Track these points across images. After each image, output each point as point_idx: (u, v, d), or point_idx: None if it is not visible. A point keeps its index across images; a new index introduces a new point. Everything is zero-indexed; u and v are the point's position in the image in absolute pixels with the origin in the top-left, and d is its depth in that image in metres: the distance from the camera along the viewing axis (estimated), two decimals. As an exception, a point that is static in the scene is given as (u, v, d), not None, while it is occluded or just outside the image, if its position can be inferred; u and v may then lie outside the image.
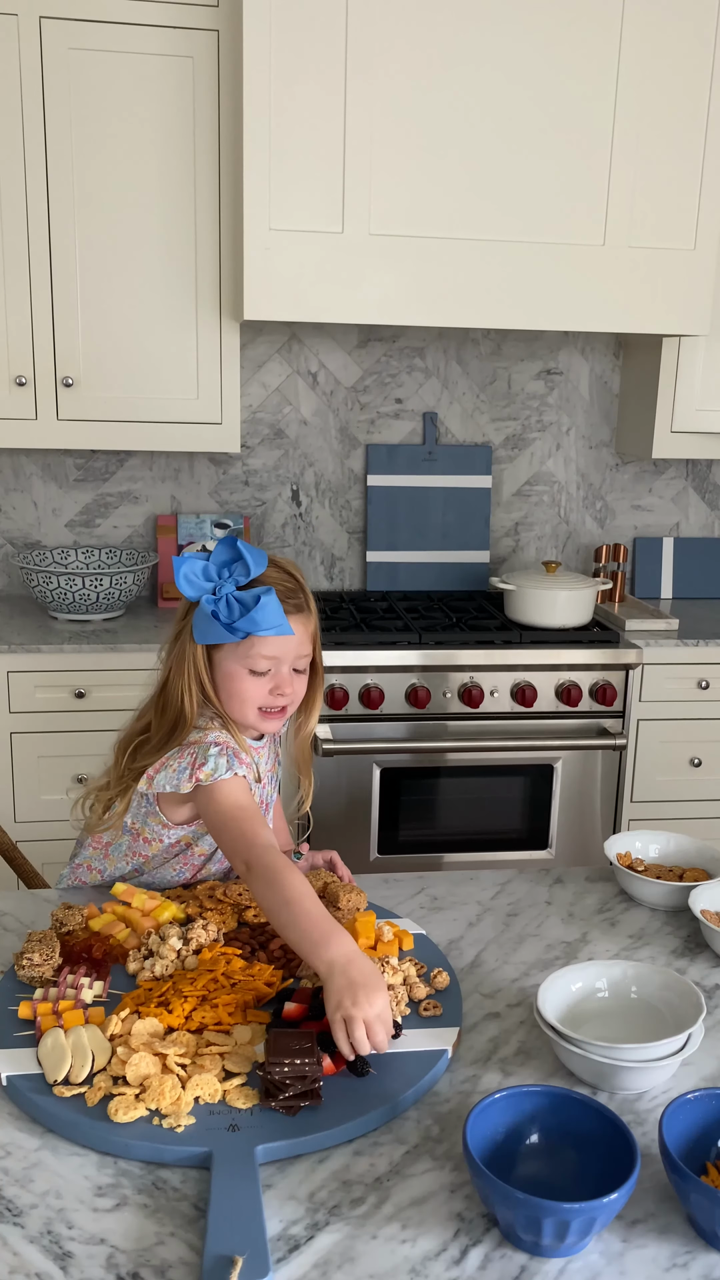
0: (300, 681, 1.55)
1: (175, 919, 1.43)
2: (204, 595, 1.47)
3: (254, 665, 1.50)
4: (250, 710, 1.53)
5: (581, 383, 3.29)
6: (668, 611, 3.14)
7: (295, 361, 3.13)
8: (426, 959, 1.39)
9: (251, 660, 1.49)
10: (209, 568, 1.48)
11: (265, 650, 1.49)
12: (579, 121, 2.57)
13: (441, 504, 3.24)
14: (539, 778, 2.83)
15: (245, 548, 1.47)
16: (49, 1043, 1.17)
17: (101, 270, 2.67)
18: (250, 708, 1.53)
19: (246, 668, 1.50)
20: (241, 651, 1.49)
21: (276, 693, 1.52)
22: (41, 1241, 0.96)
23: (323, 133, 2.48)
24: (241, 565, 1.47)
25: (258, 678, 1.51)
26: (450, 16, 2.46)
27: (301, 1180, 1.04)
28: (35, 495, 3.10)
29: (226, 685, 1.52)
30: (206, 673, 1.52)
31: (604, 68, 2.54)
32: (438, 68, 2.48)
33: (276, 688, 1.52)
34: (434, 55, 2.47)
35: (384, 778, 2.76)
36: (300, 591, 1.53)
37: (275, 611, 1.45)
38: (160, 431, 2.79)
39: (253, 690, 1.51)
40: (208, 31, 2.57)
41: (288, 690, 1.52)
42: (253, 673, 1.50)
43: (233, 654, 1.50)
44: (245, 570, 1.47)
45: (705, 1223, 0.96)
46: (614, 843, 1.64)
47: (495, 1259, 0.96)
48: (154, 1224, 0.99)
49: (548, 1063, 1.22)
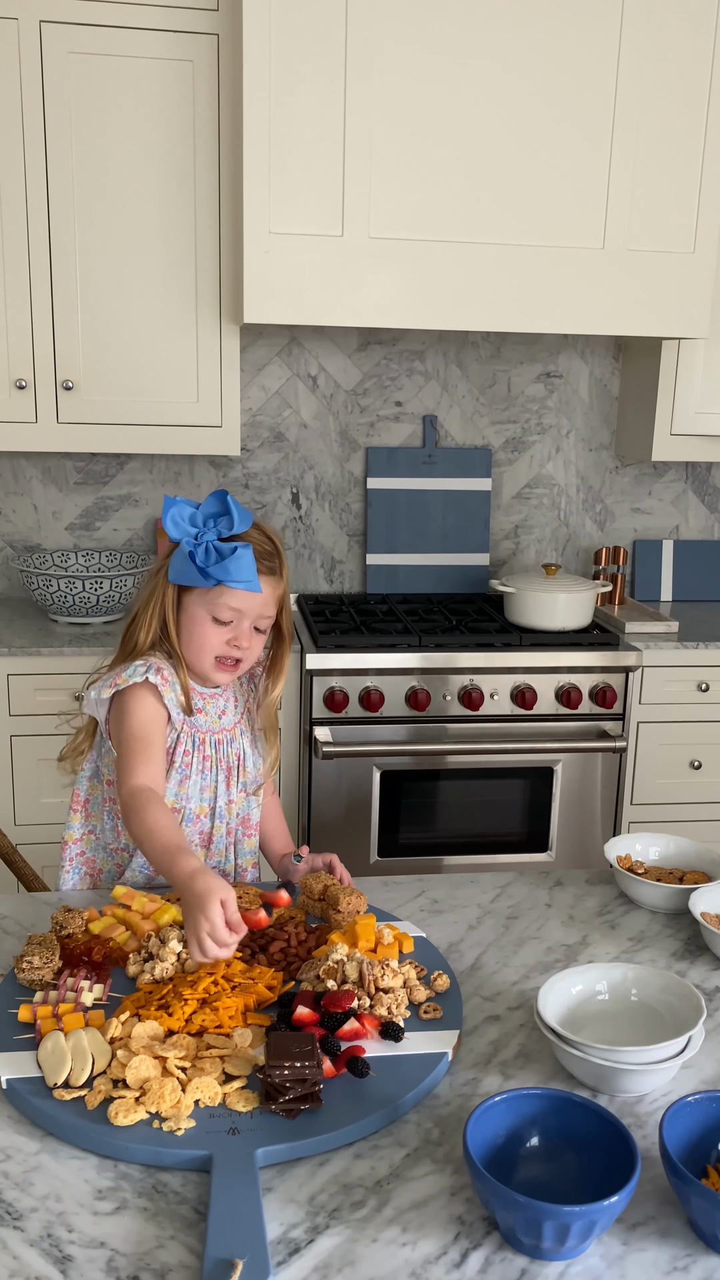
0: (258, 641, 1.63)
1: (175, 921, 1.43)
2: (186, 538, 1.55)
3: (218, 613, 1.58)
4: (207, 657, 1.60)
5: (581, 386, 3.29)
6: (667, 614, 3.14)
7: (295, 364, 3.13)
8: (427, 962, 1.39)
9: (217, 608, 1.57)
10: (196, 514, 1.57)
11: (232, 601, 1.57)
12: (578, 125, 2.57)
13: (441, 507, 3.24)
14: (539, 780, 2.83)
15: (234, 504, 1.56)
16: (49, 1046, 1.17)
17: (102, 273, 2.68)
18: (207, 654, 1.60)
19: (211, 614, 1.58)
20: (210, 598, 1.57)
21: (234, 644, 1.60)
22: (41, 1245, 0.96)
23: (322, 136, 2.48)
24: (227, 519, 1.56)
25: (219, 626, 1.59)
26: (449, 21, 2.46)
27: (302, 1183, 1.04)
28: (35, 498, 3.10)
29: (189, 628, 1.60)
30: (173, 613, 1.60)
31: (603, 71, 2.55)
32: (437, 71, 2.49)
33: (234, 639, 1.59)
34: (433, 59, 2.48)
35: (384, 780, 2.75)
36: (276, 556, 1.62)
37: (248, 566, 1.53)
38: (160, 434, 2.79)
39: (212, 637, 1.59)
40: (207, 35, 2.58)
41: (245, 644, 1.60)
42: (216, 620, 1.58)
43: (201, 599, 1.58)
44: (229, 524, 1.56)
45: (706, 1226, 0.96)
46: (614, 845, 1.64)
47: (495, 1262, 0.95)
48: (154, 1227, 0.99)
49: (548, 1065, 1.22)
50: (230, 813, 1.69)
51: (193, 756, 1.64)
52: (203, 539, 1.55)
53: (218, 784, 1.66)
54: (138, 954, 1.37)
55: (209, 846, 1.67)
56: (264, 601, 1.59)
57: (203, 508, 1.58)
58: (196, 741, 1.64)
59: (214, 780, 1.66)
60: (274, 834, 1.80)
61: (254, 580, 1.54)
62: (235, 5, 2.49)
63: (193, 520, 1.56)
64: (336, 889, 1.49)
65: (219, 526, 1.56)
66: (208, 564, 1.53)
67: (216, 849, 1.68)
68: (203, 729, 1.65)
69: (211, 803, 1.67)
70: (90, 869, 1.71)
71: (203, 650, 1.60)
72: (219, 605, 1.57)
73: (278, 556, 1.62)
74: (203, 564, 1.53)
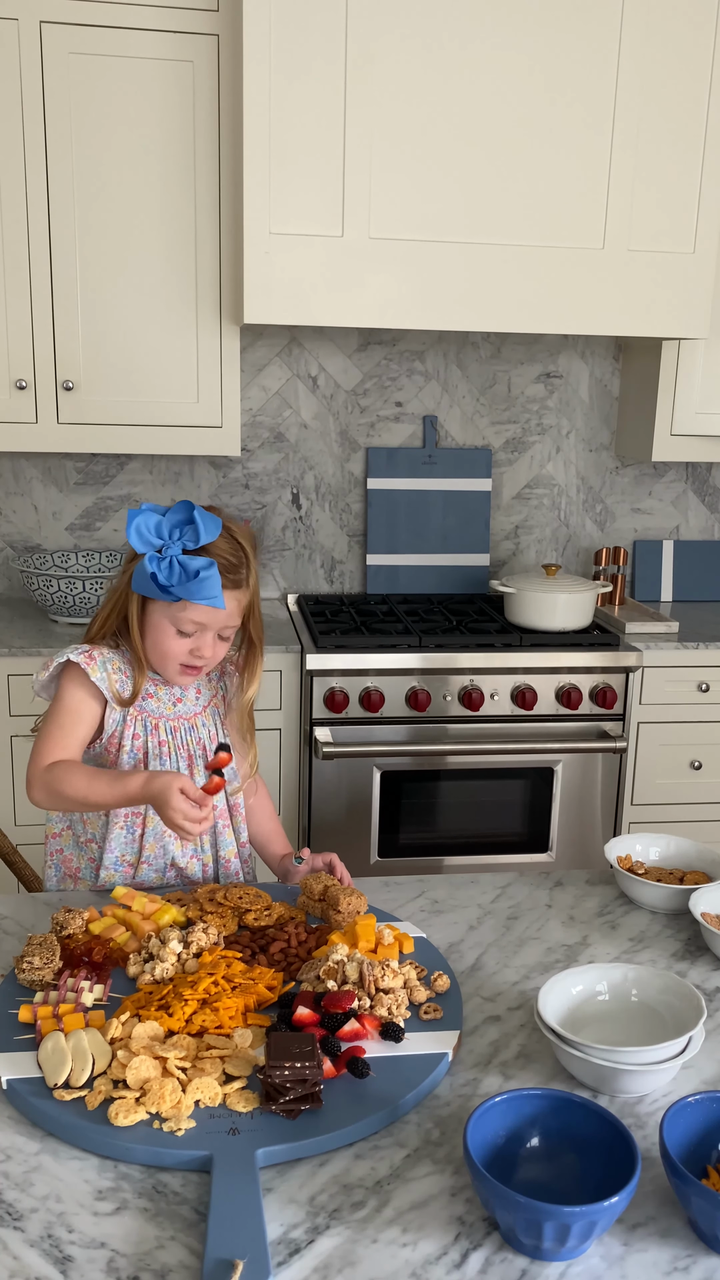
0: (223, 646, 1.63)
1: (175, 922, 1.44)
2: (150, 552, 1.53)
3: (181, 627, 1.58)
4: (171, 664, 1.62)
5: (581, 386, 3.29)
6: (668, 614, 3.14)
7: (295, 365, 3.13)
8: (427, 962, 1.39)
9: (180, 622, 1.58)
10: (161, 524, 1.54)
11: (195, 616, 1.57)
12: (579, 125, 2.57)
13: (441, 507, 3.24)
14: (539, 781, 2.83)
15: (199, 515, 1.53)
16: (49, 1046, 1.17)
17: (102, 273, 2.68)
18: (171, 662, 1.61)
19: (175, 627, 1.58)
20: (174, 611, 1.57)
21: (196, 654, 1.60)
22: (42, 1245, 0.96)
23: (323, 136, 2.48)
24: (192, 531, 1.53)
25: (182, 637, 1.59)
26: (450, 22, 2.46)
27: (302, 1184, 1.04)
28: (35, 499, 3.10)
29: (153, 635, 1.61)
30: (138, 616, 1.60)
31: (604, 71, 2.55)
32: (437, 72, 2.49)
33: (197, 649, 1.60)
34: (434, 60, 2.48)
35: (384, 781, 2.75)
36: (243, 567, 1.60)
37: (213, 585, 1.52)
38: (160, 435, 2.79)
39: (175, 648, 1.60)
40: (208, 36, 2.58)
41: (207, 654, 1.60)
42: (179, 632, 1.58)
43: (165, 610, 1.58)
44: (195, 536, 1.53)
45: (706, 1226, 0.96)
46: (614, 845, 1.64)
47: (496, 1263, 0.95)
48: (154, 1228, 0.99)
49: (548, 1066, 1.22)
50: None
51: (144, 741, 1.63)
52: (167, 553, 1.52)
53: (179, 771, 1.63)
54: (138, 954, 1.37)
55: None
56: (228, 614, 1.59)
57: (168, 517, 1.54)
58: (149, 726, 1.63)
59: (174, 767, 1.64)
60: (270, 836, 1.79)
61: (218, 597, 1.52)
62: (235, 5, 2.49)
63: (158, 531, 1.53)
64: (337, 889, 1.49)
65: (184, 538, 1.53)
66: (171, 582, 1.52)
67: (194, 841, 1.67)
68: (154, 714, 1.64)
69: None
70: (68, 868, 1.70)
71: (166, 659, 1.61)
72: (182, 620, 1.57)
73: (245, 566, 1.60)
74: (166, 582, 1.52)
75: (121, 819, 1.63)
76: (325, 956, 1.33)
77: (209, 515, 1.54)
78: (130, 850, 1.64)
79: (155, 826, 1.63)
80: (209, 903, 1.49)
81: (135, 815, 1.63)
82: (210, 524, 1.53)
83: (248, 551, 1.60)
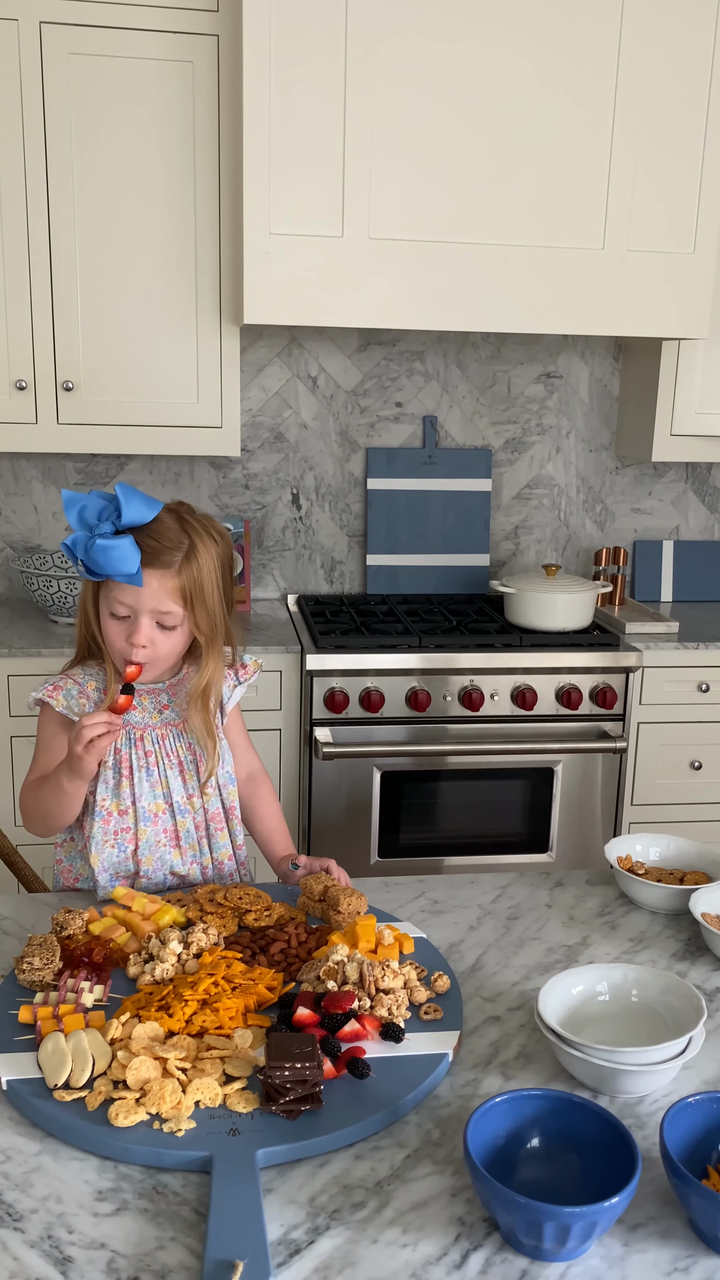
0: (165, 638, 1.56)
1: (175, 923, 1.43)
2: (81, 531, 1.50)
3: (112, 609, 1.56)
4: (117, 655, 1.58)
5: (581, 386, 3.29)
6: (668, 614, 3.14)
7: (295, 365, 3.13)
8: (427, 962, 1.39)
9: (110, 604, 1.55)
10: (89, 507, 1.51)
11: (120, 596, 1.53)
12: (578, 125, 2.57)
13: (441, 507, 3.24)
14: (539, 781, 2.83)
15: (125, 494, 1.49)
16: (49, 1047, 1.17)
17: (102, 274, 2.68)
18: (116, 654, 1.58)
19: (109, 610, 1.56)
20: (105, 593, 1.56)
21: (130, 640, 1.54)
22: (42, 1246, 0.96)
23: (322, 137, 2.48)
24: (114, 510, 1.50)
25: (118, 622, 1.56)
26: (449, 21, 2.46)
27: (302, 1184, 1.04)
28: (35, 499, 3.10)
29: (102, 626, 1.59)
30: (92, 609, 1.60)
31: (603, 72, 2.55)
32: (437, 72, 2.49)
33: (131, 635, 1.54)
34: (433, 59, 2.48)
35: (384, 781, 2.75)
36: (175, 550, 1.52)
37: (122, 558, 1.47)
38: (160, 435, 2.79)
39: (112, 634, 1.57)
40: (208, 36, 2.58)
41: (139, 640, 1.53)
42: (113, 616, 1.56)
43: (104, 596, 1.56)
44: (116, 514, 1.49)
45: (706, 1227, 0.96)
46: (614, 846, 1.64)
47: (496, 1263, 0.95)
48: (154, 1228, 0.99)
49: (548, 1066, 1.22)
50: (194, 808, 1.65)
51: (129, 753, 1.62)
52: (96, 532, 1.49)
53: (169, 780, 1.63)
54: (138, 955, 1.36)
55: (178, 844, 1.64)
56: (154, 595, 1.52)
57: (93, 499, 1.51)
58: (132, 739, 1.62)
59: (162, 776, 1.63)
60: (272, 834, 1.78)
61: (131, 571, 1.47)
62: (235, 6, 2.49)
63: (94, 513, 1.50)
64: (337, 890, 1.48)
65: (112, 518, 1.50)
66: (86, 556, 1.49)
67: (186, 844, 1.65)
68: (138, 725, 1.62)
69: (167, 799, 1.63)
70: (66, 879, 1.70)
71: (111, 648, 1.58)
72: (111, 600, 1.54)
73: (184, 552, 1.53)
74: (82, 556, 1.50)
75: (111, 837, 1.61)
76: (325, 957, 1.33)
77: (142, 497, 1.50)
78: (124, 867, 1.63)
79: (148, 838, 1.62)
80: (209, 903, 1.49)
81: (125, 831, 1.62)
82: (142, 505, 1.49)
83: (194, 540, 1.54)
